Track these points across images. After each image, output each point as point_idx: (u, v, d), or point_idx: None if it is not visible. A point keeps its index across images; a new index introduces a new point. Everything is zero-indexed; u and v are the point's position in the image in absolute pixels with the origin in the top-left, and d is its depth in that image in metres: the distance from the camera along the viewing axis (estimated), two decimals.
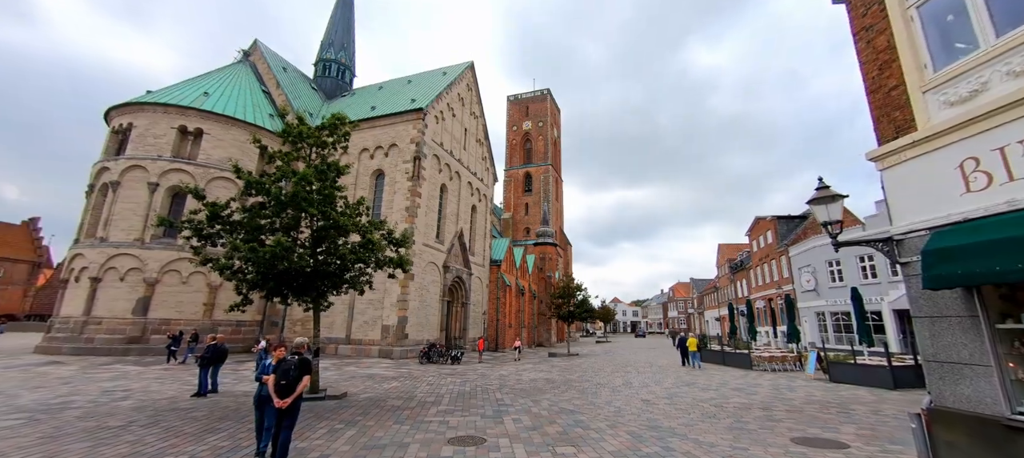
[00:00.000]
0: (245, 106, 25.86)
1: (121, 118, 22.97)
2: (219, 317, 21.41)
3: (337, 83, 41.31)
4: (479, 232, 34.27)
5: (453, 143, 30.56)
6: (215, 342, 10.99)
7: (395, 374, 15.54)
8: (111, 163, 22.08)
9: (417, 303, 23.75)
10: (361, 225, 11.26)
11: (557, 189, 65.10)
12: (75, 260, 21.10)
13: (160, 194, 21.61)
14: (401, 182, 25.22)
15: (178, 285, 21.15)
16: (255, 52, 33.94)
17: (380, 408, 9.33)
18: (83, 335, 19.76)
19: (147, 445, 6.26)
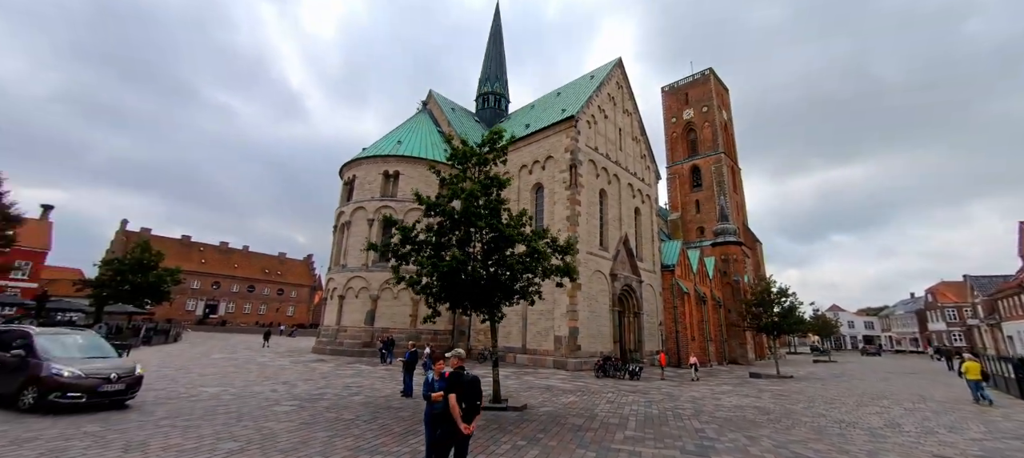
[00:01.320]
0: (425, 146, 30.33)
1: (348, 172, 29.83)
2: (421, 326, 25.08)
3: (495, 112, 45.21)
4: (645, 236, 31.68)
5: (608, 145, 29.25)
6: (414, 348, 12.52)
7: (572, 387, 15.00)
8: (345, 207, 28.77)
9: (587, 313, 23.04)
10: (526, 235, 11.23)
11: (734, 179, 55.97)
12: (329, 283, 28.03)
13: (375, 227, 26.94)
14: (559, 192, 25.25)
15: (392, 300, 25.74)
16: (430, 101, 39.93)
17: (561, 426, 8.75)
18: (337, 339, 25.86)
19: (366, 440, 7.09)
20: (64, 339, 9.10)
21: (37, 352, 8.13)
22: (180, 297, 55.44)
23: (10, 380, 8.01)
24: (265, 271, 70.59)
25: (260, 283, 68.61)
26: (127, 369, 8.89)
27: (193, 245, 64.47)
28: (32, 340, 8.42)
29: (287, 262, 76.17)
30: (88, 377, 8.04)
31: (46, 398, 7.61)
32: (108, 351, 9.57)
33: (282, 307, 70.19)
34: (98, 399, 8.06)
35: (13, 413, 7.60)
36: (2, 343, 8.58)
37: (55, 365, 7.93)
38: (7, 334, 8.97)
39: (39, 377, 7.75)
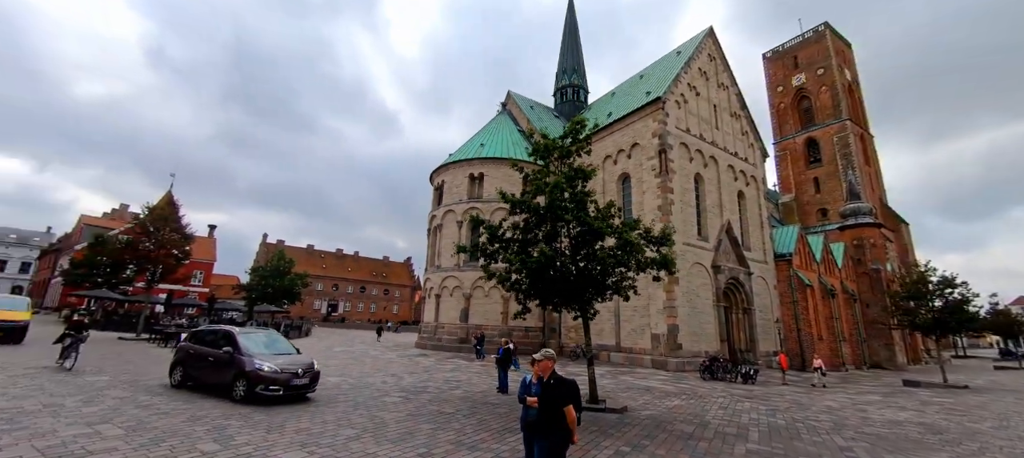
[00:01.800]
0: (507, 146, 30.80)
1: (437, 178, 31.63)
2: (512, 323, 25.50)
3: (574, 105, 44.22)
4: (752, 222, 28.21)
5: (702, 125, 26.64)
6: (507, 345, 12.67)
7: (675, 389, 13.86)
8: (436, 211, 30.56)
9: (687, 309, 21.22)
10: (615, 227, 10.59)
11: (865, 150, 47.17)
12: (426, 283, 30.03)
13: (464, 228, 28.11)
14: (648, 180, 23.67)
15: (483, 298, 26.63)
16: (509, 101, 40.52)
17: (667, 432, 8.02)
18: (436, 335, 27.58)
19: (466, 435, 7.23)
20: (256, 337, 9.95)
21: (241, 348, 8.94)
22: (308, 298, 64.32)
23: (224, 373, 8.89)
24: (373, 273, 78.62)
25: (369, 284, 76.62)
26: (308, 364, 9.48)
27: (316, 253, 74.43)
28: (236, 338, 9.24)
29: (391, 265, 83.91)
30: (283, 372, 8.67)
31: (254, 390, 8.31)
32: (289, 347, 10.24)
33: (388, 305, 77.51)
34: (291, 392, 8.75)
35: (229, 402, 8.49)
36: (214, 341, 9.63)
37: (257, 360, 8.68)
38: (216, 332, 10.00)
39: (246, 371, 8.51)
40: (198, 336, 10.39)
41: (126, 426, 6.54)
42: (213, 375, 9.19)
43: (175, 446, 5.79)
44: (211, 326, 11.80)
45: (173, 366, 10.10)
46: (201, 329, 11.01)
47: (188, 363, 9.82)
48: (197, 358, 9.68)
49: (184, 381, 9.74)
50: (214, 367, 9.18)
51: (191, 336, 10.69)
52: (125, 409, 7.57)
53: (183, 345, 10.43)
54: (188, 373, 9.73)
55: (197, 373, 9.59)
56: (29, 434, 5.87)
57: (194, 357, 9.76)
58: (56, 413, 7.01)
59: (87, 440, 5.79)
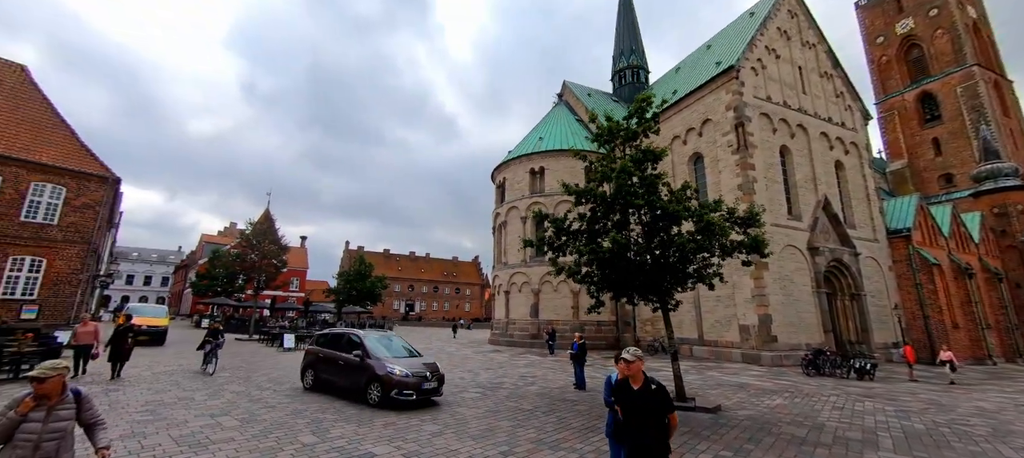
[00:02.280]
0: (565, 137, 30.10)
1: (498, 176, 31.90)
2: (583, 318, 24.90)
3: (634, 87, 42.02)
4: (855, 195, 24.66)
5: (785, 91, 23.78)
6: (582, 340, 12.25)
7: (774, 386, 12.44)
8: (499, 209, 30.84)
9: (780, 297, 19.07)
10: (692, 210, 9.69)
11: (1001, 99, 39.03)
12: (494, 280, 30.46)
13: (528, 223, 28.02)
14: (724, 158, 21.66)
15: (552, 293, 26.33)
16: (565, 91, 39.63)
17: (774, 435, 7.12)
18: (508, 331, 27.86)
19: (547, 434, 7.02)
20: (379, 339, 9.86)
21: (369, 352, 8.88)
22: (388, 298, 68.82)
23: (357, 377, 8.79)
24: (444, 273, 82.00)
25: (441, 284, 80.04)
26: (433, 365, 9.25)
27: (392, 256, 79.40)
28: (364, 341, 9.21)
29: (459, 264, 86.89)
30: (414, 375, 8.41)
31: (389, 395, 8.11)
32: (409, 349, 10.02)
33: (460, 303, 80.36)
34: (422, 396, 8.48)
35: (365, 407, 8.35)
36: (343, 344, 9.62)
37: (388, 364, 8.50)
38: (343, 336, 9.92)
39: (379, 376, 8.33)
40: (326, 339, 10.36)
41: (241, 418, 7.28)
42: (345, 379, 9.07)
43: (280, 438, 6.29)
44: (337, 329, 11.48)
45: (304, 369, 10.19)
46: (327, 332, 10.80)
47: (319, 367, 9.80)
48: (327, 362, 9.63)
49: (316, 385, 9.74)
50: (346, 371, 9.08)
51: (318, 339, 10.68)
52: (240, 403, 8.46)
53: (312, 349, 10.38)
54: (319, 376, 9.72)
55: (329, 377, 9.50)
56: (166, 424, 6.75)
57: (325, 361, 9.71)
58: (188, 406, 8.03)
59: (210, 430, 6.51)
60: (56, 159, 18.45)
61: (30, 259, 17.31)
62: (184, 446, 5.75)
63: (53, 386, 2.96)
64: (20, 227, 17.23)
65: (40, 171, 17.88)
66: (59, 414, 2.99)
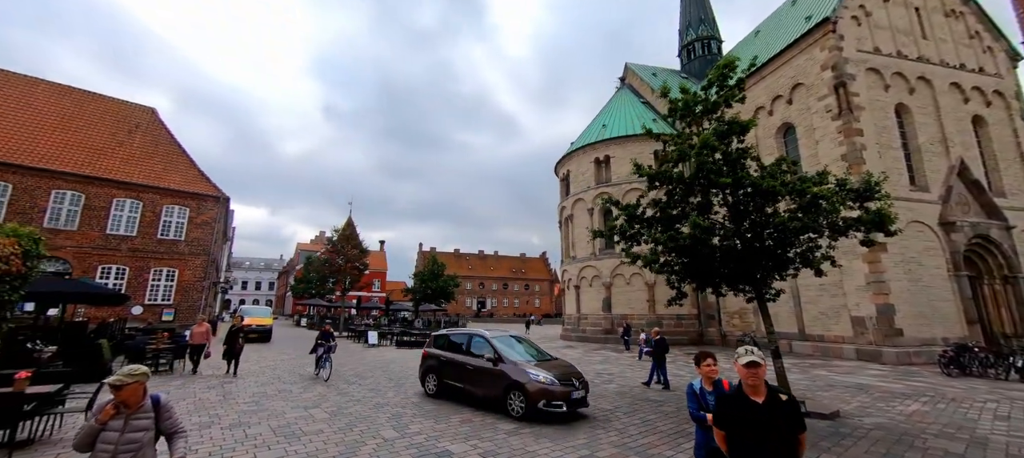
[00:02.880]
0: (630, 121, 28.48)
1: (562, 168, 31.21)
2: (661, 312, 23.41)
3: (705, 61, 38.65)
4: (1004, 155, 20.19)
5: (899, 39, 20.10)
6: (659, 335, 11.38)
7: (904, 388, 10.47)
8: (565, 202, 30.18)
9: (905, 283, 16.17)
10: (791, 184, 8.37)
11: None
12: (563, 274, 29.92)
13: (595, 215, 27.04)
14: (822, 126, 18.87)
15: (625, 286, 25.15)
16: (628, 74, 37.60)
17: (919, 450, 5.84)
18: (579, 327, 27.19)
19: (631, 438, 6.46)
20: (508, 340, 8.89)
21: (502, 355, 7.97)
22: (460, 296, 71.30)
23: (492, 384, 7.87)
24: (512, 270, 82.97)
25: (511, 281, 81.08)
26: (577, 371, 8.23)
27: (462, 255, 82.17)
28: (493, 342, 8.34)
29: (527, 260, 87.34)
30: (561, 383, 7.32)
31: (536, 406, 7.10)
32: (538, 350, 8.98)
33: (530, 299, 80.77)
34: (572, 407, 7.35)
35: (508, 418, 7.36)
36: (468, 347, 8.80)
37: (531, 371, 7.50)
38: (467, 337, 9.06)
39: (520, 384, 7.34)
40: (445, 341, 9.54)
41: (330, 411, 7.72)
42: (478, 386, 8.17)
43: (364, 431, 6.51)
44: (458, 330, 10.35)
45: (425, 374, 9.44)
46: (447, 333, 9.85)
47: (443, 372, 8.97)
48: (452, 366, 8.76)
49: (441, 391, 8.97)
50: (476, 377, 8.19)
51: (436, 341, 9.79)
52: (330, 396, 9.03)
53: (432, 352, 9.49)
54: (444, 382, 8.89)
55: (457, 382, 8.60)
56: (268, 414, 7.36)
57: (449, 365, 8.87)
58: (286, 398, 8.74)
59: (304, 422, 6.95)
60: (181, 184, 21.56)
61: (166, 270, 20.43)
62: (280, 436, 6.18)
63: (130, 393, 2.82)
64: (158, 243, 20.40)
65: (169, 195, 21.01)
66: (137, 423, 2.83)
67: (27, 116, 19.91)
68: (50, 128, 20.08)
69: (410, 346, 20.62)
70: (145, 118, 23.68)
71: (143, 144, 22.29)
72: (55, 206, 18.31)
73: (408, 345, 20.73)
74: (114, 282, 18.90)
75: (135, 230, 19.84)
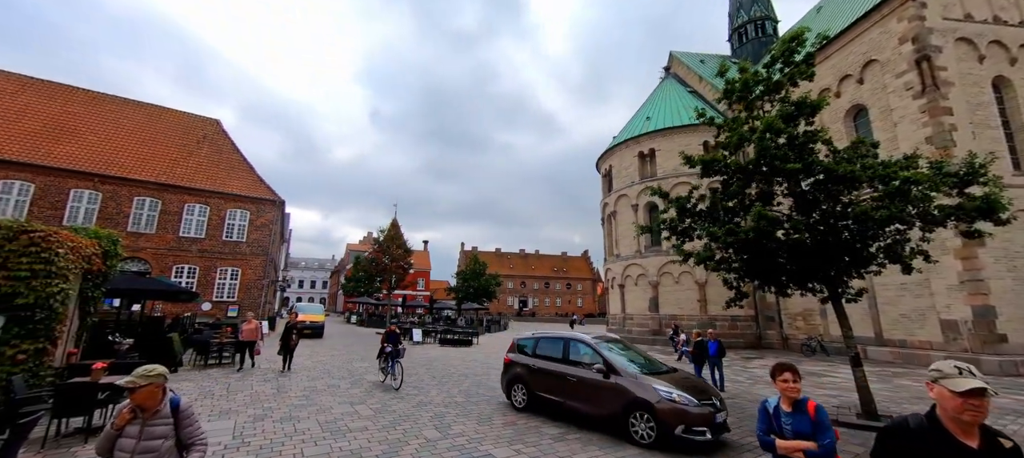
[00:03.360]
0: (676, 112, 27.07)
1: (604, 164, 30.30)
2: (714, 312, 22.04)
3: (759, 43, 36.02)
4: None
5: (996, 2, 17.54)
6: (700, 337, 10.72)
7: (1015, 403, 8.99)
8: (607, 198, 29.27)
9: (1009, 282, 14.07)
10: (875, 169, 7.38)
11: None
12: (607, 273, 29.06)
13: (640, 211, 25.98)
14: (902, 106, 16.87)
15: (673, 285, 23.95)
16: (673, 63, 35.87)
17: None
18: (625, 327, 26.26)
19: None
20: (614, 348, 7.43)
21: (617, 366, 6.60)
22: (502, 295, 71.65)
23: (607, 401, 6.43)
24: (554, 269, 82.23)
25: (552, 280, 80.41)
26: (710, 386, 6.88)
27: (503, 255, 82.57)
28: (601, 350, 6.98)
29: (569, 259, 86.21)
30: (699, 403, 5.85)
31: (673, 432, 5.64)
32: (645, 359, 7.39)
33: (572, 298, 79.67)
34: (716, 433, 5.85)
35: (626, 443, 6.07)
36: (569, 353, 7.49)
37: (660, 386, 6.02)
38: (566, 342, 7.71)
39: (648, 403, 5.90)
40: (534, 347, 8.20)
41: (374, 408, 7.77)
42: (584, 402, 6.79)
43: (407, 430, 6.45)
44: (550, 333, 8.66)
45: (510, 384, 8.18)
46: (537, 336, 8.45)
47: (533, 382, 7.68)
48: (547, 377, 7.47)
49: (533, 404, 7.63)
50: (583, 391, 6.81)
51: (520, 345, 8.51)
52: (375, 392, 9.14)
53: (516, 359, 8.24)
54: (537, 395, 7.55)
55: (555, 397, 7.22)
56: (316, 409, 7.52)
57: (542, 375, 7.57)
58: (334, 393, 8.95)
59: (349, 418, 7.03)
60: (242, 189, 23.11)
61: (231, 269, 21.97)
62: (327, 432, 6.26)
63: (146, 396, 2.56)
64: (223, 245, 21.98)
65: (232, 200, 22.58)
66: (153, 430, 2.57)
67: (113, 131, 22.18)
68: (132, 141, 22.25)
69: (453, 344, 20.80)
70: (211, 129, 25.66)
71: (209, 153, 24.15)
72: (137, 212, 20.23)
73: (451, 343, 20.93)
74: (186, 280, 20.59)
75: (203, 232, 21.52)
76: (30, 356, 6.10)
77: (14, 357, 5.95)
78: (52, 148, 19.36)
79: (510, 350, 8.68)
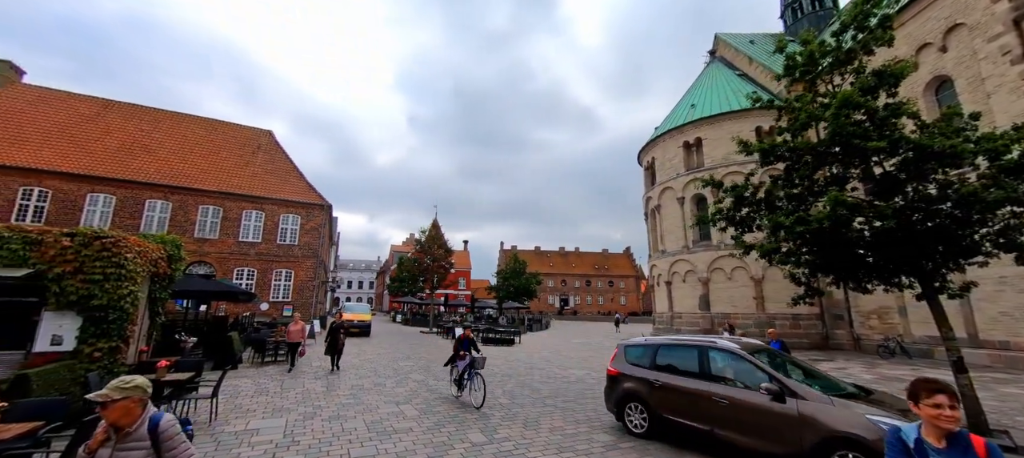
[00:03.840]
0: (726, 98, 25.43)
1: (646, 156, 29.08)
2: (773, 310, 20.48)
3: (817, 17, 33.21)
4: None
5: None
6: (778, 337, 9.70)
7: None
8: (651, 192, 28.06)
9: None
10: (980, 142, 6.33)
11: None
12: (652, 270, 27.89)
13: (686, 204, 24.66)
14: (996, 74, 14.77)
15: (725, 281, 22.51)
16: (718, 45, 33.82)
17: None
18: (673, 326, 25.06)
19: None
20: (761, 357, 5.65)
21: (792, 387, 4.95)
22: (543, 294, 71.22)
23: (787, 433, 4.77)
24: (595, 267, 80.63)
25: (593, 277, 78.88)
26: None
27: (543, 253, 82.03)
28: (764, 365, 5.34)
29: (610, 256, 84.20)
30: None
31: None
32: (819, 374, 5.78)
33: (614, 296, 77.74)
34: None
35: None
36: (709, 366, 5.83)
37: (877, 415, 4.33)
38: (703, 350, 6.00)
39: (859, 439, 4.23)
40: (652, 354, 6.60)
41: (420, 408, 7.70)
42: (749, 434, 5.10)
43: (452, 433, 6.29)
44: (672, 338, 6.90)
45: (622, 402, 6.59)
46: (650, 343, 6.87)
47: (657, 402, 6.08)
48: (680, 395, 5.86)
49: (656, 428, 6.08)
50: (744, 418, 5.17)
51: (629, 353, 6.98)
52: (420, 392, 9.12)
53: (627, 371, 6.69)
54: (661, 416, 6.02)
55: (698, 423, 5.59)
56: (363, 409, 7.56)
57: (672, 393, 5.95)
58: (380, 392, 9.02)
59: (395, 419, 6.98)
60: (293, 195, 24.31)
61: (285, 271, 23.16)
62: (373, 432, 6.22)
63: (118, 413, 2.18)
64: (278, 248, 23.21)
65: (285, 206, 23.80)
66: (127, 455, 2.19)
67: (180, 145, 24.07)
68: (196, 154, 24.04)
69: (496, 343, 20.70)
70: (264, 140, 27.24)
71: (263, 162, 25.64)
72: (202, 219, 21.81)
73: (494, 342, 20.84)
74: (246, 282, 21.94)
75: (260, 237, 22.84)
76: (105, 354, 6.56)
77: (91, 355, 6.42)
78: (129, 163, 21.29)
79: (615, 360, 7.12)
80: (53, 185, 19.07)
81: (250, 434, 5.96)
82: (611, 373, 7.05)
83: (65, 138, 20.98)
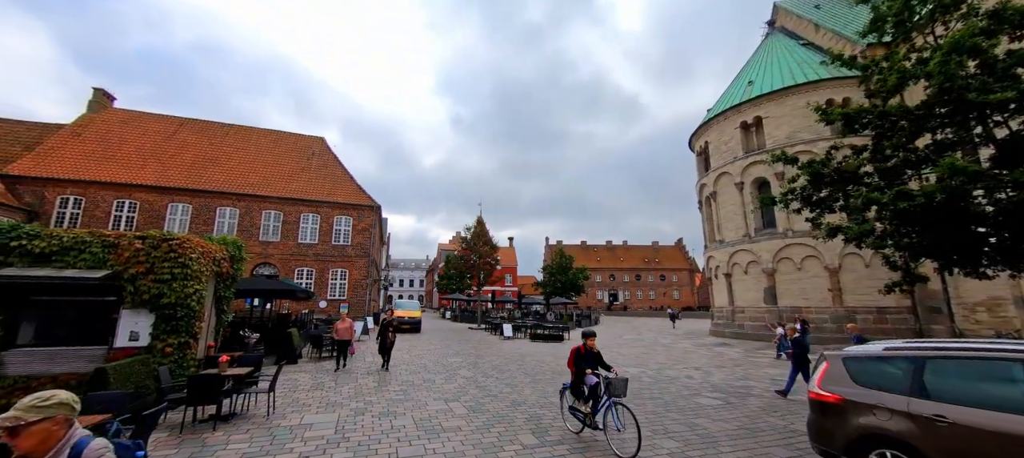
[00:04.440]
0: (790, 70, 23.13)
1: (698, 141, 27.23)
2: (852, 303, 18.37)
3: None
4: None
5: None
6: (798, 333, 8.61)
7: None
8: (705, 179, 26.25)
9: None
10: None
11: None
12: (709, 261, 26.13)
13: (746, 189, 22.76)
14: None
15: (794, 272, 20.53)
16: (778, 14, 30.96)
17: None
18: (735, 321, 23.31)
19: None
20: None
21: None
22: (590, 289, 69.77)
23: None
24: (644, 260, 77.74)
25: (643, 271, 76.10)
26: None
27: (589, 247, 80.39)
28: None
29: (661, 249, 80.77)
30: None
31: None
32: None
33: (666, 290, 74.51)
34: None
35: None
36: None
37: None
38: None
39: None
40: (905, 382, 4.01)
41: (468, 406, 7.51)
42: None
43: (502, 433, 5.99)
44: (952, 350, 3.98)
45: (863, 447, 4.08)
46: (885, 355, 4.38)
47: (941, 448, 3.61)
48: (988, 440, 3.38)
49: None
50: None
51: (866, 378, 4.33)
52: (469, 389, 8.95)
53: (861, 398, 4.21)
54: None
55: None
56: (412, 405, 7.49)
57: (973, 435, 3.46)
58: (429, 388, 8.96)
59: (443, 416, 6.82)
60: (345, 198, 25.35)
61: (340, 270, 24.23)
62: (421, 430, 6.07)
63: (35, 439, 1.67)
64: (333, 249, 24.32)
65: (338, 208, 24.88)
66: None
67: (245, 155, 25.92)
68: (259, 163, 25.77)
69: (544, 339, 20.33)
70: (318, 146, 28.70)
71: (318, 167, 27.01)
72: (265, 223, 23.34)
73: (542, 339, 20.49)
74: (305, 281, 23.21)
75: (317, 238, 24.07)
76: (175, 349, 6.98)
77: (163, 350, 6.85)
78: (202, 174, 23.24)
79: (828, 379, 4.63)
80: (140, 197, 21.23)
81: (303, 429, 6.03)
82: (830, 400, 4.47)
83: (148, 154, 23.30)
